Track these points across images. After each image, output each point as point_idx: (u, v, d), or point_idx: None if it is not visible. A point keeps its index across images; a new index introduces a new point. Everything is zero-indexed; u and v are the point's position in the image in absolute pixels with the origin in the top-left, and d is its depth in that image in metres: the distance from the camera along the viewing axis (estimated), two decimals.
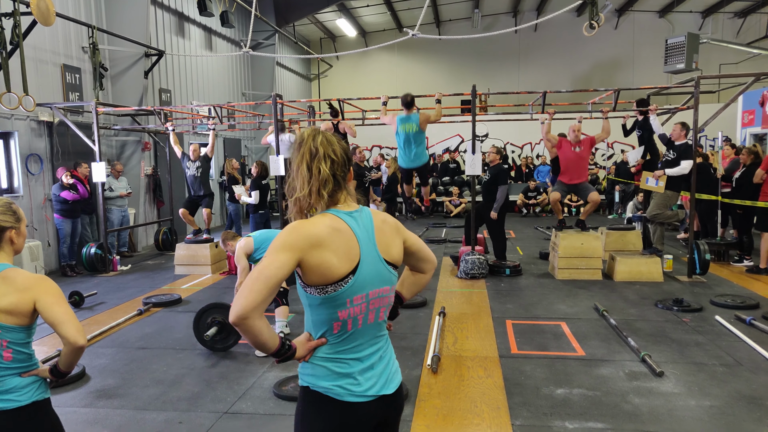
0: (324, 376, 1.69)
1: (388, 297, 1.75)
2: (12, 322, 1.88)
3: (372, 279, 1.68)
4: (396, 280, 1.79)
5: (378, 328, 1.76)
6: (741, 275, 7.51)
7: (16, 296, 1.87)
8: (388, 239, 1.75)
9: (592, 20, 8.45)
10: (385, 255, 1.72)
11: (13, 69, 7.41)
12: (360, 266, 1.65)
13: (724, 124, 12.03)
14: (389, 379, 1.76)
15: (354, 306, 1.66)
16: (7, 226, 1.98)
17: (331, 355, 1.69)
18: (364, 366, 1.71)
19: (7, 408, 1.88)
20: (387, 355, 1.79)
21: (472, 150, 7.67)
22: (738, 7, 17.77)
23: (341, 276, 1.62)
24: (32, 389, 1.94)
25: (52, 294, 1.92)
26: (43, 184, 8.66)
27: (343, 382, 1.68)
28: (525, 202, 15.11)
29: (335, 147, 1.69)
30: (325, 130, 1.73)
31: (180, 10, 12.56)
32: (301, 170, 1.67)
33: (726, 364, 4.38)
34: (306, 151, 1.67)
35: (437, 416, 3.62)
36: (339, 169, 1.68)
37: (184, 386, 4.20)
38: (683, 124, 7.46)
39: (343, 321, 1.66)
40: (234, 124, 11.25)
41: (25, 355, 1.95)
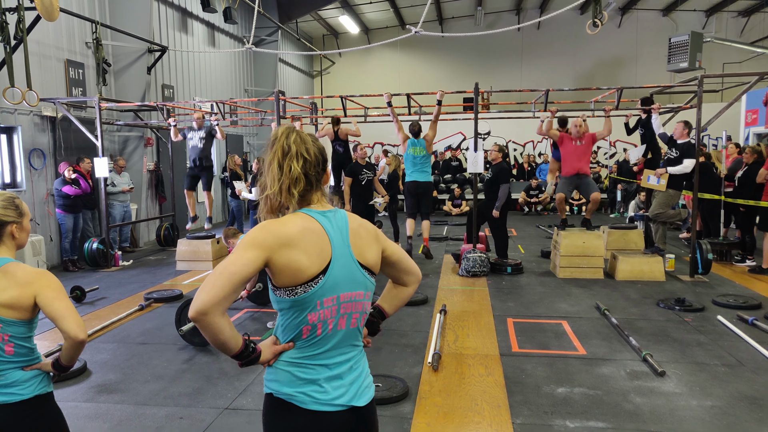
0: (287, 382, 1.62)
1: (361, 303, 1.67)
2: (13, 316, 1.88)
3: (344, 281, 1.62)
4: (372, 287, 1.71)
5: (351, 336, 1.68)
6: (743, 275, 7.49)
7: (17, 290, 1.87)
8: (363, 243, 1.68)
9: (595, 18, 8.40)
10: (360, 258, 1.66)
11: (16, 64, 7.40)
12: (331, 266, 1.59)
13: (728, 123, 11.98)
14: (360, 392, 1.67)
15: (324, 309, 1.60)
16: (8, 220, 1.97)
17: (297, 359, 1.62)
18: (332, 374, 1.63)
19: (10, 401, 1.89)
20: (359, 367, 1.71)
21: (474, 148, 7.67)
22: (742, 6, 17.70)
23: (311, 276, 1.56)
24: (35, 383, 1.95)
25: (53, 288, 1.92)
26: (45, 179, 8.67)
27: (308, 389, 1.60)
28: (527, 201, 15.09)
29: (308, 146, 1.64)
30: (300, 129, 1.68)
31: (183, 6, 12.55)
32: (272, 168, 1.62)
33: (728, 365, 4.38)
34: (278, 148, 1.63)
35: (438, 414, 3.62)
36: (312, 169, 1.64)
37: (184, 382, 4.21)
38: (686, 122, 7.44)
39: (313, 325, 1.60)
40: (236, 120, 11.25)
41: (27, 349, 1.95)
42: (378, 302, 1.89)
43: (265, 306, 6.10)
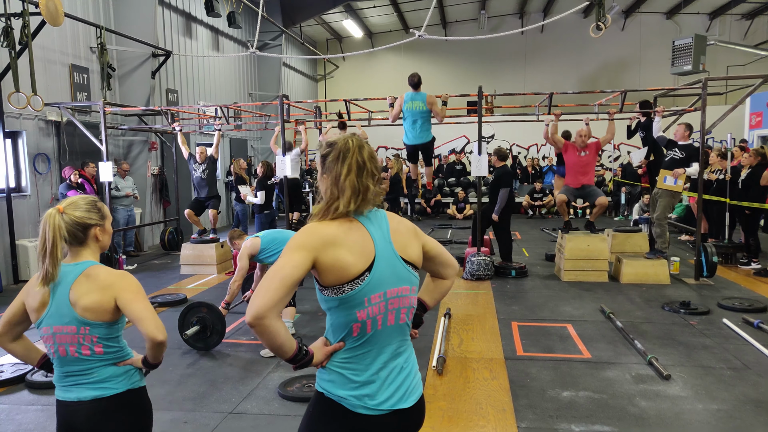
0: (341, 384, 1.65)
1: (408, 297, 1.71)
2: (97, 318, 1.95)
3: (389, 277, 1.65)
4: (416, 281, 1.75)
5: (400, 331, 1.71)
6: (749, 278, 7.46)
7: (99, 294, 1.94)
8: (404, 239, 1.72)
9: (598, 21, 8.42)
10: (402, 253, 1.69)
11: (21, 69, 7.45)
12: (376, 263, 1.62)
13: (732, 126, 11.95)
14: (408, 392, 1.70)
15: (372, 305, 1.62)
16: (92, 223, 2.03)
17: (349, 361, 1.65)
18: (384, 374, 1.66)
19: (105, 395, 1.99)
20: (409, 364, 1.75)
21: (478, 151, 7.66)
22: (745, 9, 17.67)
23: (357, 274, 1.59)
24: (126, 377, 2.04)
25: (132, 291, 1.98)
26: (50, 183, 8.71)
27: (359, 393, 1.63)
28: (531, 204, 15.07)
29: (377, 163, 1.72)
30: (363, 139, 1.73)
31: (187, 11, 12.60)
32: (349, 180, 1.62)
33: (734, 368, 4.35)
34: (353, 163, 1.64)
35: (442, 418, 3.61)
36: (378, 183, 1.71)
37: (189, 386, 4.21)
38: (687, 124, 7.43)
39: (362, 322, 1.62)
40: (240, 124, 11.28)
41: (116, 347, 2.03)
42: (419, 295, 1.90)
43: None
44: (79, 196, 2.08)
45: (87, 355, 1.97)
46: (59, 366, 2.00)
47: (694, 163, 7.19)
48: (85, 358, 1.97)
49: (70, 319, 1.93)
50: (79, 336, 1.94)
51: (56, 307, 1.94)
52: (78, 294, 1.93)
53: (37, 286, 1.93)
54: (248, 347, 5.03)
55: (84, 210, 2.01)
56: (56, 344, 1.96)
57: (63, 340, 1.95)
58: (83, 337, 1.95)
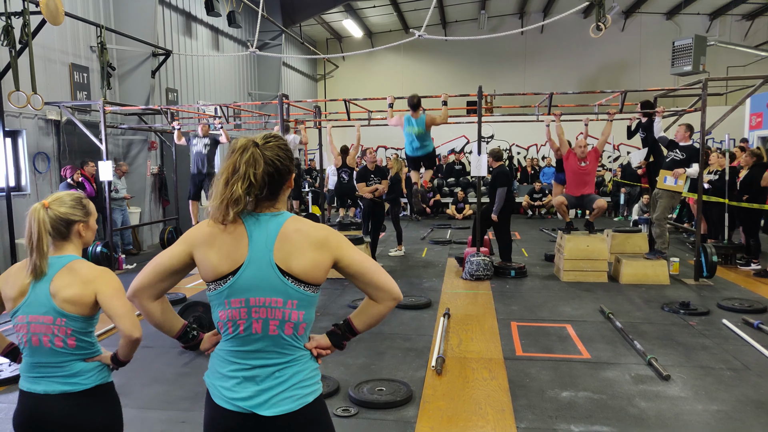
0: (209, 372, 1.73)
1: (280, 310, 1.61)
2: (75, 311, 1.99)
3: (256, 285, 1.61)
4: (297, 295, 1.63)
5: (274, 343, 1.64)
6: (748, 278, 7.45)
7: (80, 288, 1.98)
8: (292, 248, 1.61)
9: (598, 22, 8.41)
10: (282, 264, 1.61)
11: (21, 68, 7.44)
12: (242, 269, 1.61)
13: (732, 126, 11.95)
14: (273, 401, 1.62)
15: (232, 309, 1.63)
16: (75, 219, 2.07)
17: (221, 353, 1.71)
18: (246, 375, 1.64)
19: (75, 390, 2.02)
20: (284, 375, 1.64)
21: (477, 151, 7.66)
22: (746, 10, 17.67)
23: (219, 275, 1.63)
24: (96, 372, 2.07)
25: (113, 287, 2.02)
26: (50, 182, 8.70)
27: (219, 383, 1.67)
28: (530, 204, 15.06)
29: (258, 170, 1.60)
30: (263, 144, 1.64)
31: (187, 10, 12.60)
32: (220, 182, 1.63)
33: (733, 368, 4.35)
34: (230, 164, 1.62)
35: (441, 418, 3.60)
36: (254, 191, 1.61)
37: (186, 386, 4.21)
38: (688, 125, 7.42)
39: (223, 322, 1.66)
40: (240, 123, 11.27)
41: (87, 342, 2.06)
42: (350, 315, 1.78)
43: None
44: (65, 192, 2.13)
45: (60, 347, 2.00)
46: (29, 356, 2.03)
47: (694, 163, 7.19)
48: (58, 350, 2.00)
49: (48, 310, 1.97)
50: (54, 327, 1.98)
51: (35, 297, 1.99)
52: (59, 286, 1.98)
53: (27, 278, 1.98)
54: None
55: (69, 206, 2.06)
56: (30, 333, 1.99)
57: (37, 330, 1.98)
58: (58, 329, 1.98)
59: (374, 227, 8.69)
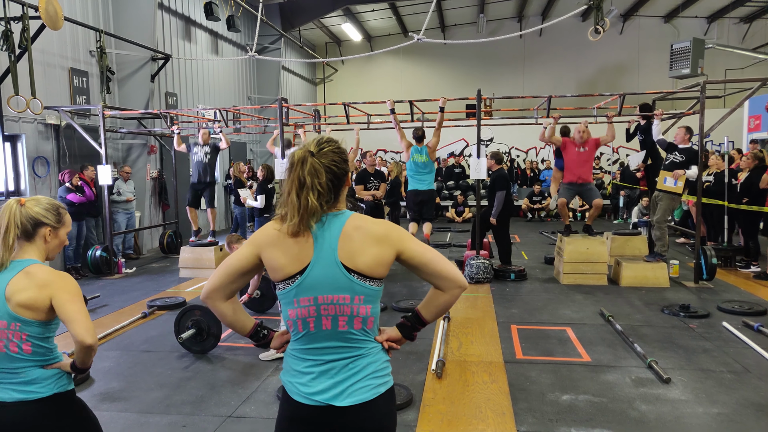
0: (286, 370, 1.78)
1: (349, 306, 1.68)
2: (30, 316, 1.94)
3: (322, 284, 1.67)
4: (363, 290, 1.68)
5: (341, 338, 1.70)
6: (748, 281, 7.46)
7: (35, 292, 1.93)
8: (355, 246, 1.67)
9: (597, 25, 8.44)
10: (347, 261, 1.66)
11: (21, 72, 7.45)
12: (309, 268, 1.67)
13: (730, 129, 11.96)
14: (347, 392, 1.68)
15: (301, 307, 1.69)
16: (45, 222, 2.05)
17: (294, 351, 1.76)
18: (320, 370, 1.70)
19: (30, 399, 1.96)
20: (356, 367, 1.70)
21: (476, 154, 7.67)
22: (743, 13, 17.72)
23: (288, 275, 1.68)
24: (53, 381, 2.01)
25: (69, 292, 1.97)
26: (49, 186, 8.69)
27: (296, 380, 1.72)
28: (530, 207, 15.07)
29: (321, 178, 1.67)
30: (318, 152, 1.69)
31: (186, 15, 12.61)
32: (291, 198, 1.68)
33: (734, 371, 4.35)
34: (295, 178, 1.68)
35: (442, 421, 3.60)
36: (325, 197, 1.68)
37: (188, 390, 4.20)
38: (687, 128, 7.44)
39: (293, 321, 1.71)
40: (239, 127, 11.28)
41: (45, 348, 2.01)
42: (418, 306, 1.84)
43: (263, 313, 6.10)
44: (45, 197, 2.11)
45: (15, 353, 1.95)
46: None
47: (693, 165, 7.20)
48: (13, 356, 1.95)
49: (2, 314, 1.93)
50: (8, 332, 1.94)
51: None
52: (14, 290, 1.93)
53: None
54: (246, 351, 5.02)
55: (43, 207, 2.05)
56: None
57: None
58: (13, 334, 1.94)
59: None
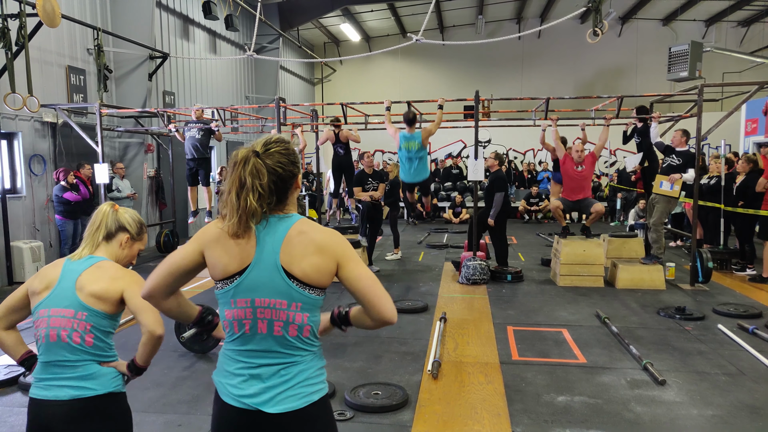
0: (218, 370, 1.75)
1: (285, 312, 1.63)
2: (99, 307, 2.00)
3: (260, 286, 1.63)
4: (301, 297, 1.64)
5: (275, 343, 1.65)
6: (744, 284, 7.48)
7: (107, 283, 2.02)
8: (297, 252, 1.63)
9: (595, 27, 8.44)
10: (288, 267, 1.63)
11: (18, 70, 7.43)
12: (248, 270, 1.64)
13: (727, 132, 11.99)
14: (275, 399, 1.63)
15: (238, 308, 1.66)
16: (127, 229, 2.19)
17: (227, 351, 1.73)
18: (251, 373, 1.66)
19: (85, 396, 1.97)
20: (287, 375, 1.65)
21: (474, 156, 7.67)
22: (742, 16, 17.78)
23: (227, 274, 1.65)
24: (110, 379, 2.05)
25: (140, 285, 2.03)
26: (46, 185, 8.67)
27: (226, 381, 1.70)
28: (527, 209, 15.09)
29: (263, 180, 1.62)
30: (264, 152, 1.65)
31: (185, 13, 12.60)
32: (230, 198, 1.63)
33: (728, 374, 4.36)
34: (236, 179, 1.63)
35: (437, 422, 3.60)
36: (266, 200, 1.63)
37: (184, 389, 4.19)
38: (684, 131, 7.46)
39: (229, 321, 1.68)
40: (237, 127, 11.27)
41: (105, 344, 2.06)
42: (351, 310, 1.78)
43: None
44: (135, 212, 2.26)
45: (77, 344, 1.98)
46: (44, 354, 2.00)
47: (690, 169, 7.22)
48: (75, 347, 1.98)
49: (71, 303, 1.99)
50: (74, 321, 1.98)
51: (60, 290, 2.01)
52: (86, 280, 2.01)
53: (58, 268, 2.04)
54: None
55: (130, 217, 2.21)
56: (48, 327, 1.98)
57: (57, 324, 1.98)
58: (78, 323, 1.98)
59: (372, 231, 8.69)
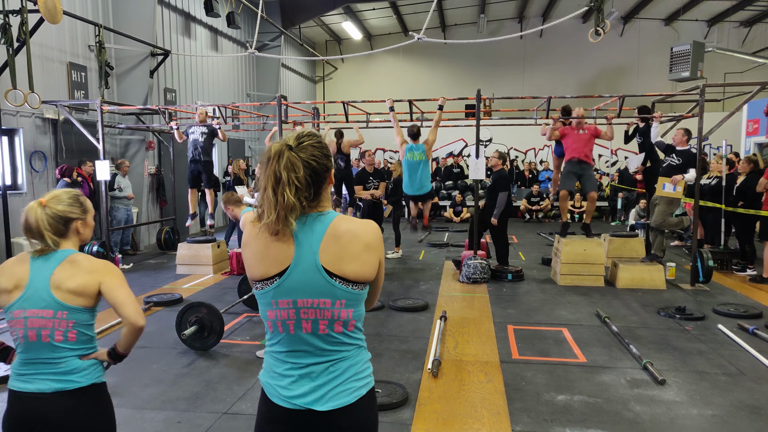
0: (266, 371, 1.72)
1: (330, 311, 1.62)
2: (78, 303, 1.99)
3: (302, 288, 1.61)
4: (345, 295, 1.62)
5: (321, 341, 1.64)
6: (744, 284, 7.48)
7: (84, 278, 1.99)
8: (340, 251, 1.61)
9: (597, 27, 8.43)
10: (329, 266, 1.60)
11: (19, 66, 7.43)
12: (288, 271, 1.61)
13: (729, 132, 11.99)
14: (328, 396, 1.63)
15: (280, 309, 1.63)
16: (73, 217, 2.08)
17: (273, 353, 1.70)
18: (300, 373, 1.64)
19: (69, 388, 1.99)
20: (336, 371, 1.65)
21: (475, 154, 7.67)
22: (744, 17, 17.75)
23: (265, 276, 1.63)
24: (92, 371, 2.05)
25: (117, 277, 2.05)
26: (46, 181, 8.68)
27: (275, 383, 1.67)
28: (528, 208, 15.09)
29: (299, 173, 1.59)
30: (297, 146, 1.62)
31: (186, 11, 12.59)
32: (267, 194, 1.60)
33: (728, 374, 4.36)
34: (271, 174, 1.60)
35: (437, 420, 3.60)
36: (303, 194, 1.60)
37: (184, 386, 4.20)
38: (686, 129, 7.45)
39: (272, 322, 1.66)
40: (238, 124, 11.27)
41: (88, 336, 2.06)
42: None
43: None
44: (62, 189, 2.12)
45: (59, 342, 1.98)
46: (24, 352, 1.99)
47: (692, 169, 7.21)
48: (57, 345, 1.98)
49: (48, 303, 1.96)
50: (54, 320, 1.97)
51: (34, 291, 1.96)
52: (62, 278, 1.97)
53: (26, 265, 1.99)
54: (245, 348, 5.02)
55: (66, 203, 2.07)
56: (26, 329, 1.96)
57: (36, 324, 1.96)
58: (59, 322, 1.97)
59: None
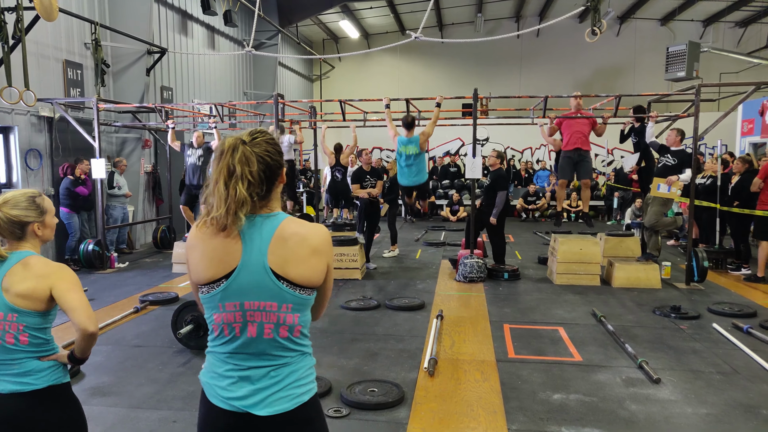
0: (206, 371, 1.69)
1: (276, 314, 1.59)
2: (28, 306, 1.95)
3: (249, 290, 1.58)
4: (292, 298, 1.60)
5: (266, 345, 1.61)
6: (739, 283, 7.51)
7: (34, 282, 1.94)
8: (288, 254, 1.58)
9: (594, 27, 8.44)
10: (277, 268, 1.57)
11: (14, 64, 7.39)
12: (235, 273, 1.58)
13: (724, 132, 12.01)
14: (265, 401, 1.60)
15: (226, 312, 1.60)
16: (29, 221, 2.03)
17: (216, 352, 1.67)
18: (241, 375, 1.61)
19: (24, 390, 1.95)
20: (277, 376, 1.62)
21: (472, 153, 7.68)
22: (739, 17, 17.81)
23: (211, 279, 1.60)
24: (49, 373, 2.01)
25: (68, 281, 1.99)
26: (41, 179, 8.64)
27: (215, 382, 1.64)
28: (524, 207, 15.11)
29: (252, 168, 1.57)
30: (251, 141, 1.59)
31: (183, 8, 12.56)
32: (218, 187, 1.57)
33: (723, 372, 4.38)
34: (224, 167, 1.57)
35: (433, 419, 3.61)
36: (255, 189, 1.58)
37: (179, 385, 4.19)
38: (679, 130, 7.48)
39: (218, 325, 1.62)
40: (235, 123, 11.25)
41: (42, 339, 2.01)
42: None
43: None
44: (19, 191, 2.08)
45: (11, 344, 1.95)
46: None
47: (687, 169, 7.23)
48: (9, 347, 1.95)
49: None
50: (4, 323, 1.94)
51: None
52: (12, 281, 1.95)
53: None
54: None
55: (22, 208, 2.01)
56: None
57: None
58: (9, 325, 1.94)
59: (369, 227, 8.69)
